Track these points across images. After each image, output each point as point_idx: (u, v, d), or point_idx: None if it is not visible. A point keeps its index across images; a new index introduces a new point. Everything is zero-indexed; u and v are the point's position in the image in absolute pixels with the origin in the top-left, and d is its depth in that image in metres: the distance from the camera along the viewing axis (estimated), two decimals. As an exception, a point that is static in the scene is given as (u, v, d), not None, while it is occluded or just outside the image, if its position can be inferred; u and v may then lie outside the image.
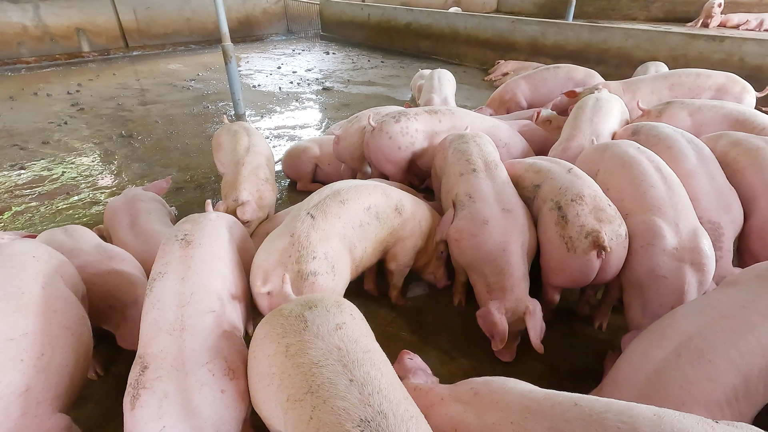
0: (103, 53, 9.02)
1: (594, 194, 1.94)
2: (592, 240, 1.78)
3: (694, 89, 3.38)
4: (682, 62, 5.31)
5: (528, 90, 4.18)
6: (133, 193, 2.60)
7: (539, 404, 1.10)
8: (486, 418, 1.14)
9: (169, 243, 1.62)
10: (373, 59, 8.74)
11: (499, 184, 2.13)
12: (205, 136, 4.75)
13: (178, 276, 1.49)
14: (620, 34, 6.03)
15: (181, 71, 7.84)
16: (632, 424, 0.94)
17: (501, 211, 2.01)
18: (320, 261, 1.68)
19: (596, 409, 1.01)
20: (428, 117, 2.85)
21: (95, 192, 3.59)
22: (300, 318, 1.22)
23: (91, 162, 4.16)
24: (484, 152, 2.30)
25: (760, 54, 4.91)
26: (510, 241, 1.94)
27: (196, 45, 10.25)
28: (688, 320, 1.41)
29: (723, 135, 2.41)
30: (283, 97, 6.23)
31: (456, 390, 1.30)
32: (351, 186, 1.96)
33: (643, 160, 2.06)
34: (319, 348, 1.12)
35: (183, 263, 1.53)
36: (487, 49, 7.73)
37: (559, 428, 1.01)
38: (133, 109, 5.73)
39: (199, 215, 1.81)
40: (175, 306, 1.40)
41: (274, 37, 11.62)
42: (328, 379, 1.04)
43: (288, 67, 8.16)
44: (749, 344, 1.27)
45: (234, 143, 2.86)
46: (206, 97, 6.23)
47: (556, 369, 1.97)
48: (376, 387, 1.03)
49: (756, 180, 2.11)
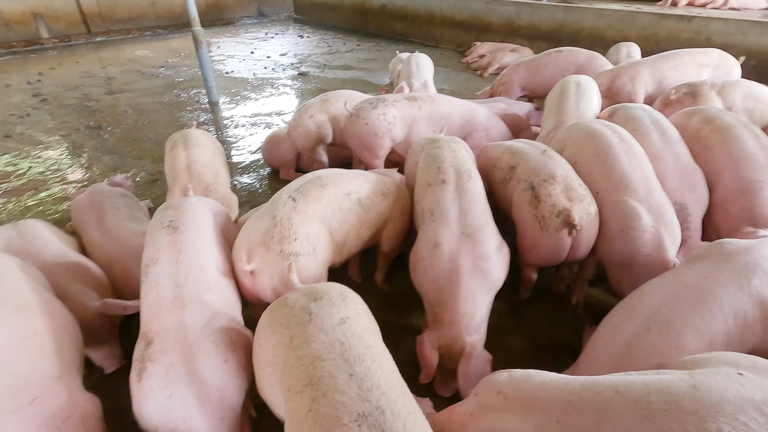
0: (63, 39, 8.58)
1: (565, 174, 1.98)
2: (563, 219, 1.84)
3: (696, 68, 3.46)
4: (653, 41, 5.41)
5: (528, 75, 4.16)
6: (99, 189, 2.50)
7: (580, 397, 1.07)
8: (529, 421, 1.08)
9: (156, 230, 1.64)
10: (349, 42, 8.59)
11: (467, 200, 1.90)
12: (179, 126, 4.61)
13: (172, 260, 1.54)
14: (593, 15, 6.09)
15: (149, 58, 7.54)
16: (675, 403, 0.96)
17: (459, 235, 1.80)
18: (302, 242, 1.71)
19: (638, 395, 1.02)
20: (407, 103, 2.83)
21: (65, 186, 3.46)
22: (305, 310, 1.24)
23: (58, 155, 3.99)
24: (458, 159, 2.09)
25: (726, 32, 5.06)
26: (459, 270, 1.72)
27: (164, 30, 9.85)
28: (656, 294, 1.48)
29: (697, 111, 2.46)
30: (257, 83, 6.08)
31: (482, 401, 1.22)
32: (332, 173, 1.99)
33: (607, 132, 2.14)
34: (322, 342, 1.14)
35: (174, 248, 1.57)
36: (462, 31, 7.69)
37: (608, 420, 0.99)
38: (100, 98, 5.50)
39: (180, 200, 1.82)
40: (173, 286, 1.46)
41: (245, 21, 11.27)
42: (328, 372, 1.06)
43: (261, 52, 7.94)
44: (712, 312, 1.35)
45: (171, 161, 2.56)
46: (177, 85, 6.02)
47: (536, 344, 2.04)
48: (375, 382, 1.04)
49: (723, 156, 2.18)
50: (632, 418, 0.97)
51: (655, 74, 3.46)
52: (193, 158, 2.51)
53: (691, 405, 0.95)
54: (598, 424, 1.00)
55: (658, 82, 3.44)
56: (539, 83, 4.14)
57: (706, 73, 3.47)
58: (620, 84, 3.43)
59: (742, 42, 4.96)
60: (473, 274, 1.73)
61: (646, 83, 3.44)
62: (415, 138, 2.82)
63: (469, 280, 1.71)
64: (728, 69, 3.51)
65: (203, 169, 2.49)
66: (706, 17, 5.20)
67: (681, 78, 3.42)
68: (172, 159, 2.55)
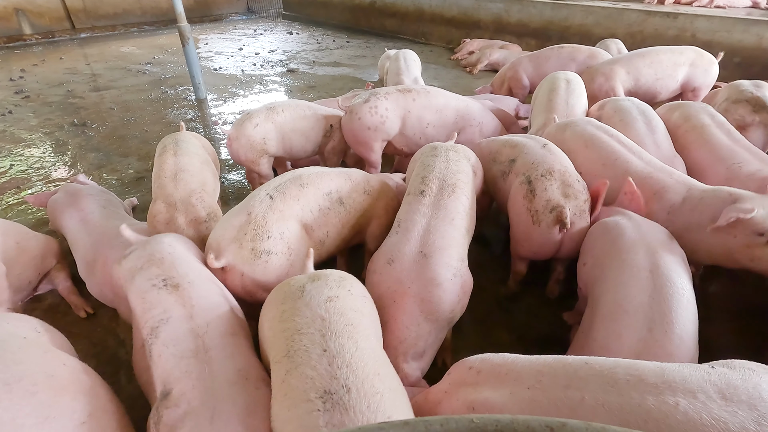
0: (47, 36, 8.42)
1: (564, 170, 1.97)
2: (556, 215, 1.85)
3: (672, 66, 3.49)
4: (639, 39, 5.47)
5: (531, 69, 4.17)
6: (75, 188, 2.42)
7: (551, 367, 1.11)
8: (502, 390, 1.11)
9: (153, 293, 1.45)
10: (339, 39, 8.55)
11: (439, 218, 1.74)
12: (165, 123, 4.55)
13: (186, 316, 1.39)
14: (581, 12, 6.13)
15: (135, 54, 7.43)
16: (639, 376, 1.02)
17: (416, 254, 1.63)
18: (275, 241, 1.68)
19: (606, 366, 1.07)
20: (400, 95, 2.82)
21: (49, 185, 3.40)
22: (300, 288, 1.30)
23: (41, 153, 3.92)
24: (448, 171, 1.94)
25: (710, 29, 5.13)
26: (405, 293, 1.57)
27: (150, 26, 9.71)
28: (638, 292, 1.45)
29: (679, 106, 2.54)
30: (246, 80, 6.02)
31: (455, 378, 1.24)
32: (313, 172, 1.96)
33: (604, 137, 2.19)
34: (306, 316, 1.18)
35: (184, 307, 1.41)
36: (452, 27, 7.70)
37: (575, 385, 1.05)
38: (85, 95, 5.41)
39: (155, 249, 1.61)
40: (193, 338, 1.32)
41: (233, 17, 11.15)
42: (304, 346, 1.10)
43: (250, 49, 7.87)
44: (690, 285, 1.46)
45: (159, 167, 2.32)
46: (164, 82, 5.94)
47: (524, 338, 2.06)
48: (346, 360, 1.06)
49: (700, 155, 2.29)
50: (597, 383, 1.03)
51: (631, 72, 3.49)
52: (181, 166, 2.32)
53: (653, 379, 1.00)
54: (566, 390, 1.04)
55: (635, 79, 3.47)
56: (541, 78, 4.16)
57: (681, 71, 3.50)
58: (598, 84, 3.47)
59: (726, 39, 5.03)
60: (419, 300, 1.56)
61: (623, 80, 3.47)
62: (409, 130, 2.83)
63: (412, 305, 1.56)
64: (705, 66, 3.51)
65: (190, 178, 2.29)
66: (692, 14, 5.26)
67: (657, 75, 3.47)
68: (160, 165, 2.35)
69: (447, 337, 1.82)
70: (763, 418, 0.91)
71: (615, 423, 0.98)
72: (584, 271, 1.81)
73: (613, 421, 0.98)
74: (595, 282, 1.66)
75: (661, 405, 0.96)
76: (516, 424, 0.47)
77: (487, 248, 2.61)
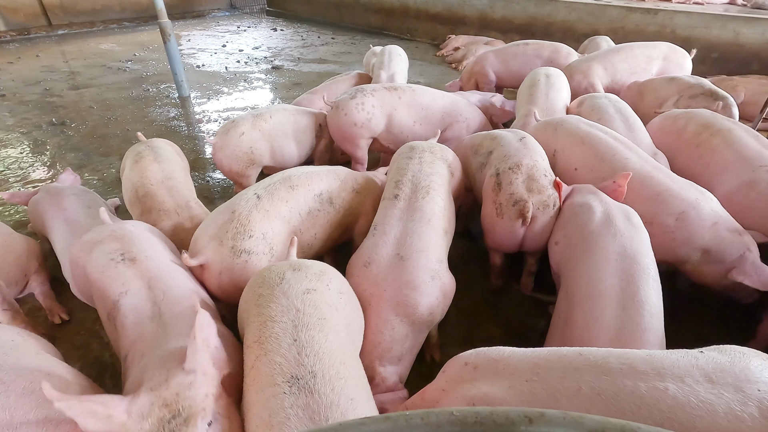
0: (22, 32, 8.18)
1: (532, 164, 1.98)
2: (519, 209, 1.89)
3: (646, 60, 3.57)
4: (621, 34, 5.55)
5: (497, 64, 4.21)
6: (57, 188, 2.36)
7: (546, 359, 1.13)
8: (500, 384, 1.12)
9: (112, 267, 1.50)
10: (324, 35, 8.49)
11: (414, 220, 1.71)
12: (148, 121, 4.47)
13: (144, 287, 1.46)
14: (564, 8, 6.19)
15: (114, 51, 7.27)
16: (630, 364, 1.05)
17: (392, 257, 1.61)
18: (257, 240, 1.67)
19: (599, 356, 1.10)
20: (386, 93, 2.82)
21: (27, 186, 3.31)
22: (280, 274, 1.31)
23: (19, 154, 3.81)
24: (422, 173, 1.91)
25: (689, 26, 5.23)
26: (381, 297, 1.55)
27: (130, 22, 9.51)
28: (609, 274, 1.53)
29: (695, 116, 2.44)
30: (230, 77, 5.95)
31: (451, 375, 1.23)
32: (303, 172, 1.95)
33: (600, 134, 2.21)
34: (281, 304, 1.20)
35: (142, 279, 1.48)
36: (437, 24, 7.70)
37: (571, 376, 1.07)
38: (63, 93, 5.28)
39: (117, 227, 1.66)
40: (151, 305, 1.41)
41: (216, 13, 10.99)
42: (275, 334, 1.12)
43: (234, 45, 7.77)
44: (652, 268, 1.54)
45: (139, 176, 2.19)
46: (146, 79, 5.83)
47: (512, 332, 2.08)
48: (314, 350, 1.10)
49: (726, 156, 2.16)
50: (592, 374, 1.06)
51: (608, 68, 3.58)
52: (168, 173, 2.21)
53: (644, 366, 1.04)
54: (562, 380, 1.07)
55: (612, 74, 3.57)
56: (507, 73, 4.20)
57: (655, 65, 3.59)
58: (576, 81, 3.52)
59: (705, 35, 5.14)
60: (394, 303, 1.54)
61: (600, 77, 3.55)
62: (396, 128, 2.84)
63: (387, 309, 1.54)
64: (678, 61, 3.61)
65: (180, 185, 2.20)
66: (671, 11, 5.36)
67: (632, 70, 3.56)
68: (140, 174, 2.20)
69: (433, 334, 1.84)
70: (749, 399, 0.94)
71: (611, 410, 1.01)
72: (556, 251, 1.88)
73: (610, 409, 1.01)
74: (567, 262, 1.73)
75: (652, 391, 0.99)
76: (495, 416, 0.48)
77: (474, 243, 2.63)
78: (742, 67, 4.88)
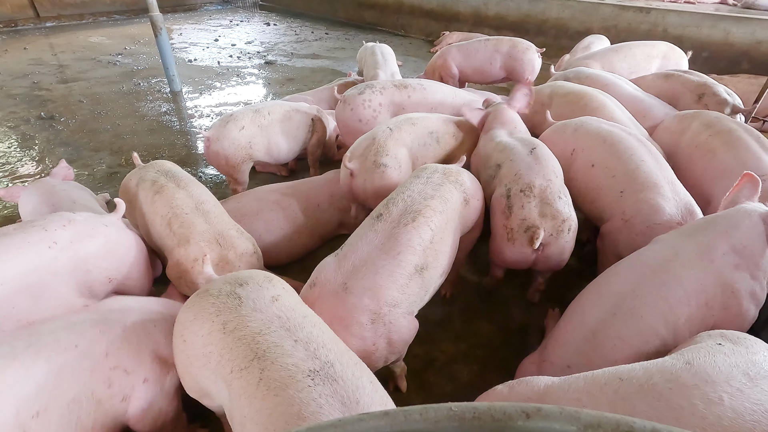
0: (9, 24, 8.03)
1: (546, 185, 1.87)
2: (530, 236, 1.79)
3: (645, 59, 3.60)
4: (613, 33, 5.58)
5: (459, 59, 4.17)
6: (49, 183, 2.33)
7: (588, 393, 1.07)
8: None
9: None
10: (317, 30, 8.44)
11: (380, 250, 1.50)
12: (138, 116, 4.42)
13: None
14: (557, 6, 6.21)
15: (104, 45, 7.16)
16: (677, 380, 1.01)
17: (339, 285, 1.45)
18: (391, 158, 2.17)
19: (641, 379, 1.05)
20: (395, 91, 2.80)
21: (15, 181, 3.26)
22: (232, 295, 1.24)
23: (6, 148, 3.75)
24: (420, 195, 1.67)
25: (681, 24, 5.28)
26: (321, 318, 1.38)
27: (120, 15, 9.37)
28: (622, 279, 1.49)
29: (696, 116, 2.42)
30: (222, 72, 5.89)
31: None
32: (421, 116, 2.44)
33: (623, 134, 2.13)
34: (259, 319, 1.17)
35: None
36: (431, 20, 7.69)
37: (621, 408, 1.01)
38: (52, 87, 5.19)
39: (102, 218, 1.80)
40: None
41: (208, 7, 10.87)
42: (273, 343, 1.10)
43: (226, 40, 7.69)
44: (676, 295, 1.37)
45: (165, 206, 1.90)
46: (136, 73, 5.75)
47: (504, 328, 2.10)
48: (320, 343, 1.11)
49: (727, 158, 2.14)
50: (643, 402, 1.00)
51: (605, 66, 3.58)
52: (199, 198, 1.96)
53: (691, 379, 1.01)
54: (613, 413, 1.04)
55: (609, 72, 3.54)
56: (469, 68, 4.16)
57: (654, 64, 3.63)
58: None
59: (696, 34, 5.20)
60: None
61: None
62: None
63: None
64: (676, 60, 3.66)
65: (215, 209, 1.97)
66: (663, 10, 5.40)
67: (631, 68, 3.57)
68: (166, 203, 1.91)
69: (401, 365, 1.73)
70: None
71: None
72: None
73: None
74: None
75: (710, 406, 0.94)
76: (493, 411, 0.48)
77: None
78: (732, 67, 4.95)
